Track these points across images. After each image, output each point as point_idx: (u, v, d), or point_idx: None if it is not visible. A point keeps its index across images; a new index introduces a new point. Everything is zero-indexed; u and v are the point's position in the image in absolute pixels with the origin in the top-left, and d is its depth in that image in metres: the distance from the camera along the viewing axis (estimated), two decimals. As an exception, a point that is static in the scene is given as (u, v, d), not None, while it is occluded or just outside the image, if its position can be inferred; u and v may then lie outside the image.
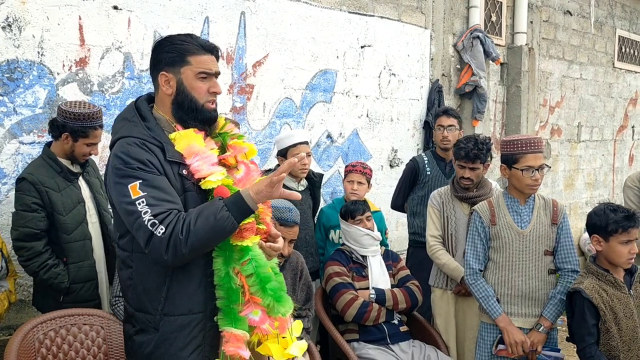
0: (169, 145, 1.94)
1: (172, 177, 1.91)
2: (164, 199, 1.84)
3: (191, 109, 1.97)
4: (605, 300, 2.62)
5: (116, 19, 3.53)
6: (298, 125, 4.55)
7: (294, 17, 4.45)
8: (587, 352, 2.62)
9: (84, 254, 2.99)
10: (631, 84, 8.64)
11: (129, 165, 1.84)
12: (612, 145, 8.38)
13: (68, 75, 3.38)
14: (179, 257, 1.83)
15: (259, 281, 1.91)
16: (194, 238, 1.80)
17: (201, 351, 1.96)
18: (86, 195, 3.07)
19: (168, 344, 1.93)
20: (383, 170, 5.25)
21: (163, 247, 1.81)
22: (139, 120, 1.96)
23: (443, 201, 3.45)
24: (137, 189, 1.82)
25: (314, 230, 3.77)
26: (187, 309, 1.93)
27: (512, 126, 6.43)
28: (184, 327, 1.93)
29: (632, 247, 2.63)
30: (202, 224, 1.81)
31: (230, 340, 1.90)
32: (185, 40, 1.98)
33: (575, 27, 7.49)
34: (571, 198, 7.64)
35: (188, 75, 1.96)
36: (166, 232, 1.79)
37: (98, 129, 2.99)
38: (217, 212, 1.82)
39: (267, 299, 1.92)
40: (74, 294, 2.98)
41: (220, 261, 1.92)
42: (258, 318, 1.93)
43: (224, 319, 1.92)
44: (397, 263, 3.54)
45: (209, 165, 1.93)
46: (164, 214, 1.81)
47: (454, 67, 5.84)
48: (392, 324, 3.29)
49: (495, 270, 2.99)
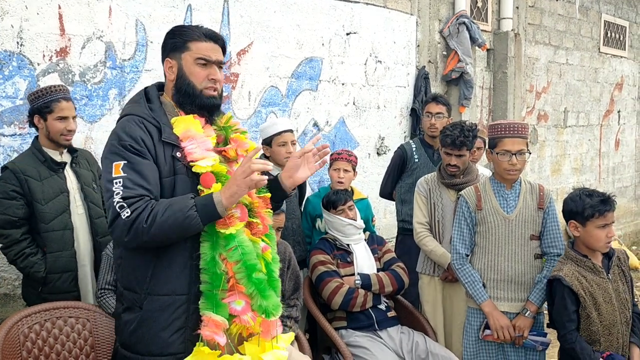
0: (167, 126, 2.00)
1: (162, 157, 1.97)
2: (140, 184, 1.90)
3: (188, 94, 2.04)
4: (584, 287, 2.64)
5: (97, 7, 3.48)
6: (284, 114, 4.52)
7: (278, 4, 4.41)
8: (568, 338, 2.64)
9: (62, 244, 2.95)
10: (617, 69, 8.68)
11: (121, 141, 1.92)
12: (598, 130, 8.43)
13: (48, 65, 3.32)
14: (138, 242, 1.91)
15: (245, 268, 1.94)
16: (157, 229, 1.87)
17: (183, 333, 1.98)
18: (73, 186, 3.03)
19: (150, 322, 1.97)
20: (370, 158, 5.24)
21: (125, 229, 1.88)
22: (144, 102, 2.06)
23: (430, 188, 3.45)
24: (120, 168, 1.90)
25: (300, 219, 3.76)
26: (170, 290, 1.97)
27: (499, 112, 6.43)
28: (167, 308, 1.97)
29: (609, 231, 2.64)
30: (168, 218, 1.87)
31: (208, 324, 1.92)
32: (189, 29, 2.08)
33: (561, 12, 7.49)
34: (558, 183, 7.68)
35: (187, 60, 2.03)
36: (131, 216, 1.86)
37: (62, 101, 2.94)
38: (185, 211, 1.88)
39: (251, 288, 1.94)
40: (51, 284, 2.95)
41: (207, 246, 1.95)
42: (240, 308, 1.95)
43: (205, 302, 1.95)
44: (382, 246, 3.54)
45: (203, 149, 1.98)
46: (134, 198, 1.88)
47: (440, 53, 5.83)
48: (380, 309, 3.30)
49: (482, 255, 3.00)
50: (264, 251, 2.09)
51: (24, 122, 3.22)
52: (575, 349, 2.61)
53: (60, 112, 2.94)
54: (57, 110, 2.93)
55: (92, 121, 3.51)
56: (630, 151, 9.24)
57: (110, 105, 3.57)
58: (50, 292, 2.94)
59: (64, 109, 2.94)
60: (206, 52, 2.04)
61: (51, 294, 2.92)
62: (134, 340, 2.01)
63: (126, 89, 3.63)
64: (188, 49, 2.04)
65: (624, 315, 2.68)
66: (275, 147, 3.46)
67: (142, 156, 1.93)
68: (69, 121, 2.96)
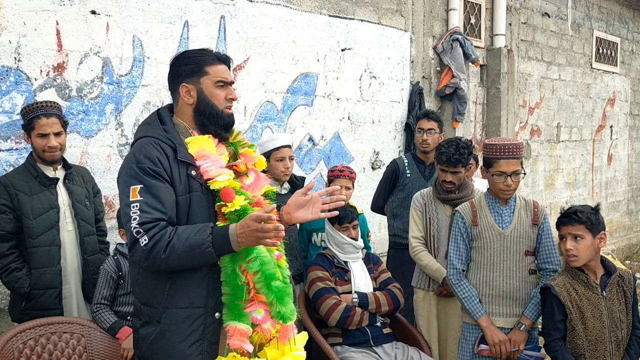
0: (182, 146, 2.09)
1: (177, 176, 2.05)
2: (156, 207, 1.98)
3: (212, 115, 2.13)
4: (573, 299, 2.68)
5: (94, 23, 3.50)
6: (279, 129, 4.55)
7: (274, 20, 4.45)
8: (552, 346, 2.70)
9: (48, 260, 2.94)
10: (609, 85, 8.78)
11: (139, 164, 2.01)
12: (591, 145, 8.50)
13: (46, 80, 3.34)
14: (156, 268, 2.01)
15: (264, 278, 2.02)
16: (174, 260, 1.96)
17: (200, 345, 2.05)
18: (64, 202, 3.03)
19: (168, 335, 2.04)
20: (365, 173, 5.26)
21: (144, 256, 1.97)
22: (158, 123, 2.14)
23: (425, 203, 3.47)
24: (137, 192, 1.99)
25: (297, 233, 3.77)
26: (187, 303, 2.04)
27: (492, 127, 6.49)
28: (184, 320, 2.04)
29: (565, 244, 2.72)
30: (185, 251, 1.95)
31: (234, 334, 2.00)
32: (201, 53, 2.17)
33: (554, 29, 7.58)
34: (551, 198, 7.73)
35: (207, 84, 2.14)
36: (149, 244, 1.95)
37: (42, 117, 2.93)
38: (202, 245, 1.95)
39: (271, 296, 2.02)
40: (34, 300, 2.93)
41: (227, 259, 2.03)
42: (260, 317, 2.04)
43: (228, 314, 2.04)
44: (379, 266, 3.55)
45: (218, 167, 2.07)
46: (150, 223, 1.96)
47: (434, 69, 5.88)
48: (375, 326, 3.30)
49: (477, 270, 3.02)
50: (279, 259, 2.18)
51: (20, 137, 3.22)
52: (557, 357, 2.65)
53: (40, 129, 2.93)
54: (37, 127, 2.93)
55: (88, 136, 3.52)
56: (622, 166, 9.31)
57: (106, 120, 3.58)
58: (34, 308, 2.93)
59: (43, 126, 2.93)
60: (223, 75, 2.16)
61: (34, 310, 2.91)
62: (152, 353, 2.07)
63: (123, 104, 3.64)
64: (206, 73, 2.14)
65: (615, 335, 2.69)
66: (273, 162, 3.49)
67: (158, 179, 2.01)
68: (49, 138, 2.94)
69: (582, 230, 2.67)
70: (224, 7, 4.14)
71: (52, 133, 2.95)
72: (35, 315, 2.86)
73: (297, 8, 4.61)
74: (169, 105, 2.27)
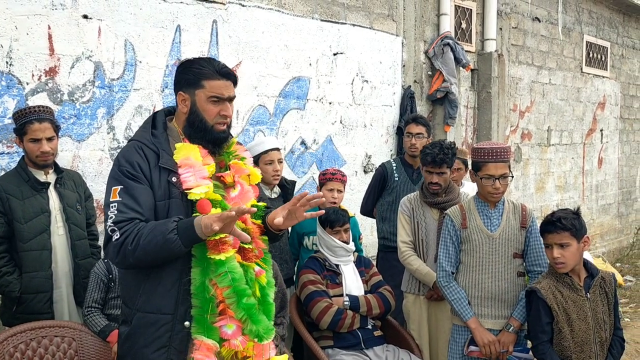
0: (166, 152, 2.08)
1: (157, 182, 2.05)
2: (133, 208, 1.99)
3: (200, 129, 2.11)
4: (559, 301, 2.70)
5: (86, 28, 3.51)
6: (272, 133, 4.57)
7: (266, 25, 4.47)
8: (539, 349, 2.72)
9: (39, 264, 2.94)
10: (599, 88, 8.85)
11: (120, 167, 2.04)
12: (581, 148, 8.56)
13: (37, 85, 3.35)
14: (127, 264, 2.01)
15: (235, 294, 1.99)
16: (140, 251, 1.95)
17: (166, 352, 2.03)
18: (55, 206, 3.04)
19: (135, 338, 2.05)
20: (357, 176, 5.29)
21: (115, 252, 1.98)
22: (150, 127, 2.15)
23: (413, 207, 3.49)
24: (117, 192, 2.01)
25: (287, 237, 3.78)
26: (156, 308, 2.03)
27: (483, 131, 6.53)
28: (151, 325, 2.03)
29: (552, 252, 2.70)
30: (150, 241, 1.94)
31: (200, 348, 1.97)
32: (202, 65, 2.13)
33: (544, 34, 7.65)
34: (542, 201, 7.78)
35: (201, 97, 2.10)
36: (120, 239, 1.96)
37: (34, 122, 2.94)
38: (166, 233, 1.93)
39: (240, 313, 1.99)
40: (25, 304, 2.93)
41: (198, 271, 2.01)
42: (231, 332, 2.00)
43: (196, 327, 2.00)
44: (370, 269, 3.57)
45: (199, 178, 2.04)
46: (125, 222, 1.97)
47: (426, 73, 5.92)
48: (366, 329, 3.32)
49: (466, 272, 3.04)
50: (258, 275, 2.13)
51: (12, 140, 3.23)
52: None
53: (33, 134, 2.94)
54: (29, 132, 2.94)
55: (80, 140, 3.52)
56: (613, 169, 9.38)
57: (98, 124, 3.59)
58: (24, 312, 2.93)
59: (35, 131, 2.94)
60: (219, 90, 2.11)
61: (25, 314, 2.91)
62: (122, 352, 2.10)
63: (114, 108, 3.65)
64: (202, 86, 2.10)
65: (599, 335, 2.73)
66: (262, 165, 3.50)
67: (137, 181, 2.02)
68: (42, 143, 2.95)
69: (567, 238, 2.69)
70: (216, 11, 4.16)
71: (45, 138, 2.96)
72: (26, 319, 2.87)
73: (289, 12, 4.63)
74: (171, 107, 2.27)
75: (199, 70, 2.11)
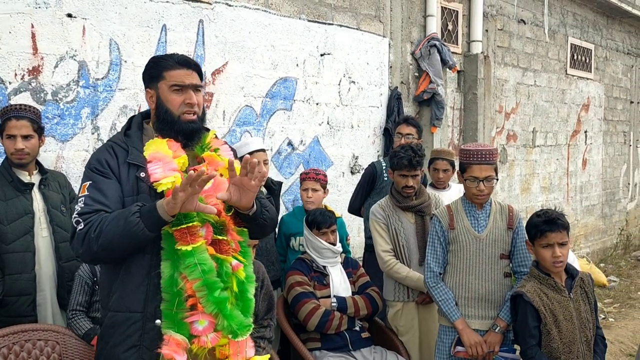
0: (135, 149, 2.07)
1: (125, 177, 2.04)
2: (99, 200, 1.98)
3: (167, 121, 2.09)
4: (545, 304, 2.71)
5: (70, 27, 3.47)
6: (259, 133, 4.55)
7: (253, 25, 4.45)
8: (529, 353, 2.72)
9: (22, 266, 2.89)
10: (583, 90, 8.93)
11: (90, 165, 2.06)
12: (566, 149, 8.63)
13: (20, 84, 3.30)
14: (92, 253, 1.95)
15: (205, 287, 1.93)
16: (104, 238, 1.90)
17: (137, 351, 1.98)
18: (39, 207, 2.99)
19: (106, 338, 2.03)
20: (344, 177, 5.28)
21: (79, 242, 1.94)
22: (125, 129, 2.17)
23: (387, 214, 3.45)
24: (86, 188, 2.01)
25: (274, 239, 3.76)
26: (125, 307, 2.00)
27: (469, 132, 6.56)
28: (120, 324, 2.00)
29: (553, 251, 2.70)
30: (113, 226, 1.90)
31: (169, 343, 1.92)
32: (163, 58, 2.15)
33: (529, 36, 7.70)
34: (527, 202, 7.83)
35: (163, 89, 2.10)
36: (83, 229, 1.93)
37: (12, 119, 2.91)
38: (127, 217, 1.91)
39: (211, 307, 1.93)
40: (7, 307, 2.88)
41: (167, 264, 1.96)
42: (202, 328, 1.94)
43: (166, 322, 1.95)
44: (357, 270, 3.56)
45: (167, 169, 2.01)
46: (90, 213, 1.95)
47: (412, 74, 5.94)
48: (354, 330, 3.31)
49: (454, 273, 3.05)
50: (235, 269, 2.05)
51: (-5, 141, 3.18)
52: None
53: (9, 131, 2.92)
54: (6, 128, 2.92)
55: (64, 140, 3.48)
56: (597, 170, 9.48)
57: (82, 124, 3.55)
58: (7, 315, 2.87)
59: (11, 128, 2.91)
60: (179, 78, 2.09)
61: (8, 317, 2.85)
62: (97, 353, 2.10)
63: (99, 107, 3.61)
64: (163, 77, 2.10)
65: (584, 335, 2.75)
66: (247, 166, 3.47)
67: (104, 176, 2.03)
68: (17, 140, 2.90)
69: (566, 237, 2.72)
70: (203, 11, 4.13)
71: (20, 135, 2.91)
72: (9, 322, 2.81)
73: (276, 13, 4.61)
74: (146, 111, 2.26)
75: (160, 63, 2.13)
